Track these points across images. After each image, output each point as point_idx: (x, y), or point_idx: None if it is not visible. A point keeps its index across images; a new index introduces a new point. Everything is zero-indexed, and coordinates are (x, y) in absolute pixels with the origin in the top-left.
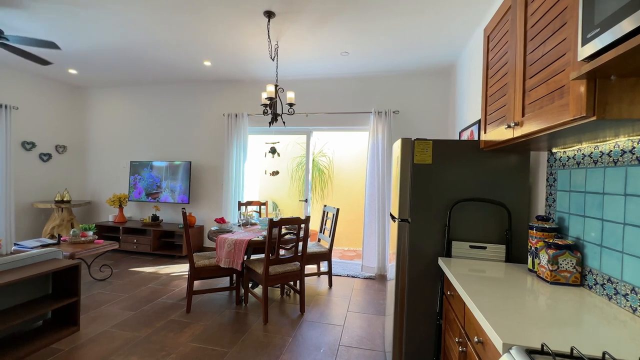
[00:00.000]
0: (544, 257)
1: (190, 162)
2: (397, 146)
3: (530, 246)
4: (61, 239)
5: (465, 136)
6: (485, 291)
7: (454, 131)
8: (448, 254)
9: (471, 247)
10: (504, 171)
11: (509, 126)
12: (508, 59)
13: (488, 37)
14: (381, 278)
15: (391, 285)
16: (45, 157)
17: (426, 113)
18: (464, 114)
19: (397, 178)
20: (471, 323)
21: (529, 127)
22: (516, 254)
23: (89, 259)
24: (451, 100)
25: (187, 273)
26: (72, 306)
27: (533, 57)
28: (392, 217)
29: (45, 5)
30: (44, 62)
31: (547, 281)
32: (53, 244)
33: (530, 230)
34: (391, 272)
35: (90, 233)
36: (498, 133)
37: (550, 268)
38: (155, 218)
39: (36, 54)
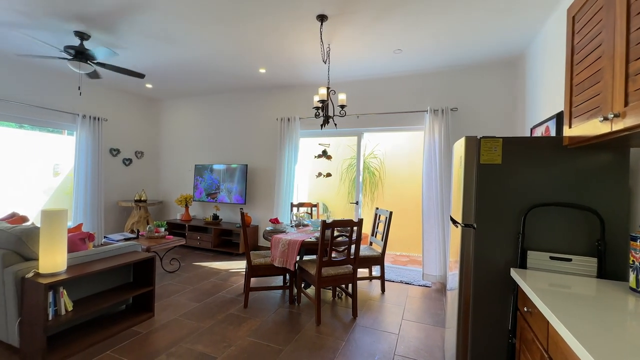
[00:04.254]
0: None
1: (247, 164)
2: (459, 145)
3: (634, 261)
4: (139, 234)
5: (538, 133)
6: (574, 311)
7: (523, 128)
8: (522, 265)
9: (552, 258)
10: (593, 172)
11: (605, 118)
12: (602, 40)
13: (573, 17)
14: (438, 286)
15: (452, 296)
16: (127, 161)
17: (488, 109)
18: (537, 108)
19: (459, 180)
20: (558, 347)
21: (633, 119)
22: (611, 269)
23: (161, 252)
24: (519, 94)
25: (244, 270)
26: (148, 294)
27: None
28: (454, 222)
29: (129, 29)
30: (140, 76)
31: None
32: (133, 238)
33: (632, 242)
34: (452, 281)
35: (162, 229)
36: (589, 127)
37: None
38: (215, 217)
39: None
